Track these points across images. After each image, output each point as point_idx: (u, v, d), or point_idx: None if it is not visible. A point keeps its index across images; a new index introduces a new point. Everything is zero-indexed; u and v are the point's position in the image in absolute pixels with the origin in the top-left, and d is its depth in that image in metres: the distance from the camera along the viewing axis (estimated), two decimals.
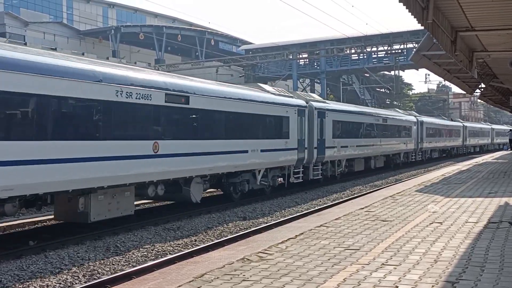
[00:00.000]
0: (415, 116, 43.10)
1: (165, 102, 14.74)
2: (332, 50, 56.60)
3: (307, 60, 63.56)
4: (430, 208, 13.22)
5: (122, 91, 13.12)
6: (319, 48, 59.60)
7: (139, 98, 13.70)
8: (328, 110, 25.69)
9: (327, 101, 29.14)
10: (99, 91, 12.56)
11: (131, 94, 13.44)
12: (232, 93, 18.49)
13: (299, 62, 63.82)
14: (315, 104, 24.62)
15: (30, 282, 9.45)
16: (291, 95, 24.02)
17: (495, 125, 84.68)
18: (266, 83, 62.91)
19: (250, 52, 63.64)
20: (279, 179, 22.30)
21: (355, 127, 29.66)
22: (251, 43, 69.73)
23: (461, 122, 60.94)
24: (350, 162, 29.10)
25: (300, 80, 67.65)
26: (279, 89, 24.55)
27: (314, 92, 66.58)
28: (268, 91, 21.90)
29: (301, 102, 23.32)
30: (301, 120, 22.75)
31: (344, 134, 27.76)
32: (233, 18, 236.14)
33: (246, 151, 18.87)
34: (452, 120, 61.05)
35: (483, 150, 67.72)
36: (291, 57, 59.03)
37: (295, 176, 22.86)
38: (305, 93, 29.51)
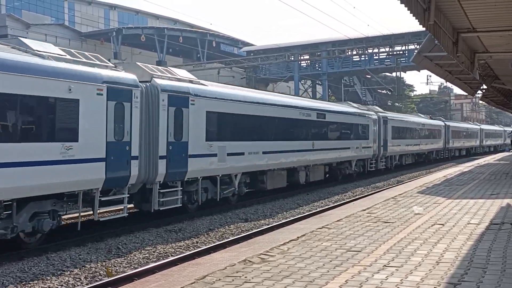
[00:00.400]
0: (375, 112, 33.77)
1: (316, 118, 24.64)
2: (334, 52, 56.58)
3: (309, 61, 63.54)
4: (414, 209, 13.23)
5: (303, 113, 23.45)
6: (320, 50, 59.59)
7: (307, 116, 23.65)
8: (196, 95, 16.58)
9: (386, 112, 37.28)
10: (299, 114, 22.99)
11: (304, 113, 23.46)
12: (342, 110, 28.50)
13: (301, 63, 63.81)
14: (381, 115, 33.61)
15: (31, 284, 9.45)
16: (367, 109, 32.90)
17: (484, 125, 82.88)
18: (267, 85, 62.83)
19: (252, 54, 63.66)
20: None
21: (408, 130, 39.14)
22: (252, 45, 69.73)
23: (443, 121, 53.76)
24: (257, 177, 20.55)
25: (302, 82, 67.64)
26: (359, 105, 34.07)
27: (315, 94, 66.62)
28: (354, 107, 31.27)
29: (120, 76, 20.47)
30: (120, 109, 15.37)
31: (236, 134, 18.80)
32: (233, 18, 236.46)
33: (349, 148, 28.22)
34: (431, 118, 52.52)
35: (470, 153, 63.09)
36: (292, 58, 59.02)
37: (370, 166, 31.47)
38: (372, 106, 37.94)
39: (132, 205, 15.60)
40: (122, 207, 13.55)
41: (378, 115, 33.26)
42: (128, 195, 13.77)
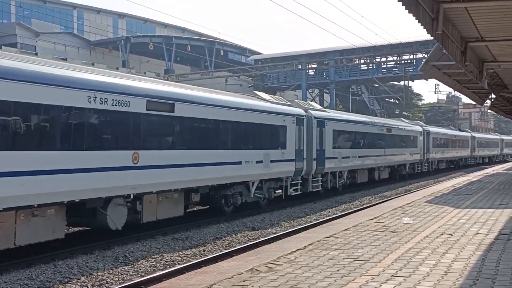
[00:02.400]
0: (421, 126, 42.11)
1: (386, 132, 32.81)
2: (342, 60, 56.60)
3: (316, 70, 63.58)
4: (403, 220, 13.19)
5: (380, 128, 31.29)
6: (328, 58, 59.61)
7: (381, 130, 31.49)
8: (328, 119, 24.56)
9: (327, 110, 28.54)
10: (377, 129, 30.82)
11: (380, 129, 31.38)
12: (400, 125, 33.87)
13: (308, 72, 63.86)
14: (314, 113, 23.78)
15: None
16: (289, 103, 23.06)
17: (477, 133, 70.51)
18: (275, 94, 62.88)
19: (259, 62, 63.77)
20: (278, 191, 21.83)
21: (358, 137, 28.55)
22: (260, 53, 69.89)
23: (469, 132, 60.02)
24: (353, 174, 27.90)
25: (309, 90, 67.66)
26: (277, 97, 24.80)
27: (323, 103, 66.57)
28: (264, 99, 21.24)
29: (300, 111, 22.41)
30: (300, 130, 21.84)
31: (345, 144, 27.00)
32: (241, 27, 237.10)
33: (405, 154, 33.99)
34: (460, 130, 59.17)
35: (458, 166, 54.67)
36: (300, 67, 59.07)
37: (293, 188, 21.71)
38: (304, 102, 27.90)
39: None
40: (297, 188, 22.07)
41: (423, 129, 41.41)
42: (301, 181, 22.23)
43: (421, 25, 10.31)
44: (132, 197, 13.51)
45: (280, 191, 21.85)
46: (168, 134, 14.94)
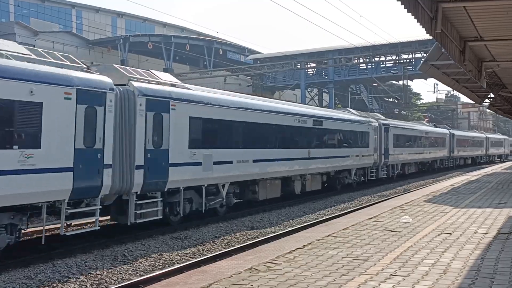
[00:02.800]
0: (376, 120, 32.87)
1: (312, 125, 24.05)
2: (340, 60, 56.62)
3: (315, 69, 63.59)
4: (402, 219, 13.22)
5: (299, 119, 22.40)
6: (327, 58, 59.62)
7: (302, 123, 22.56)
8: (178, 99, 15.29)
9: (388, 119, 36.50)
10: (293, 120, 21.96)
11: (300, 120, 22.38)
12: (340, 117, 27.35)
13: (307, 71, 63.86)
14: (382, 121, 32.78)
15: None
16: (367, 115, 31.96)
17: (458, 130, 59.72)
18: (274, 93, 62.87)
19: (258, 62, 63.76)
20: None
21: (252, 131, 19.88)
22: (259, 53, 69.87)
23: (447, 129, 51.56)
24: (248, 187, 19.50)
25: (308, 90, 67.68)
26: (360, 112, 32.71)
27: (322, 102, 66.58)
28: (354, 114, 30.32)
29: (374, 120, 31.29)
30: (374, 134, 30.32)
31: (224, 141, 17.47)
32: (240, 26, 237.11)
33: (348, 156, 27.49)
34: (435, 125, 51.32)
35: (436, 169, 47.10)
36: (299, 66, 59.07)
37: (371, 175, 30.83)
38: (373, 114, 37.17)
39: (108, 217, 15.08)
40: (94, 220, 12.71)
41: (379, 123, 32.32)
42: (101, 207, 12.77)
43: (420, 24, 10.32)
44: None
45: (362, 177, 29.87)
46: (308, 138, 22.93)
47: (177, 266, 11.08)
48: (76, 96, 11.86)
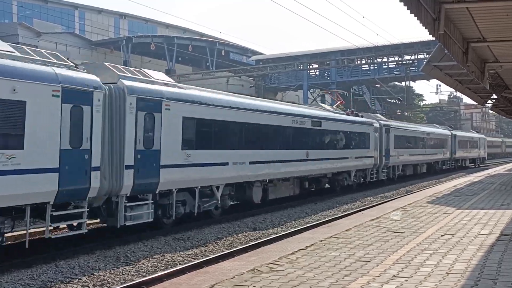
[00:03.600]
0: (377, 120, 32.04)
1: (311, 126, 23.38)
2: (343, 61, 56.65)
3: (318, 70, 63.60)
4: (392, 216, 13.27)
5: (296, 120, 21.85)
6: (329, 59, 59.64)
7: (300, 124, 21.97)
8: (171, 99, 15.00)
9: (389, 120, 35.54)
10: (291, 121, 21.34)
11: (297, 121, 21.86)
12: (340, 117, 26.94)
13: (310, 72, 63.88)
14: (383, 122, 32.07)
15: None
16: (368, 116, 31.70)
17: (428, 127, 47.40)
18: (276, 94, 62.86)
19: (261, 63, 63.82)
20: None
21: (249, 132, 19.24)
22: (261, 54, 69.92)
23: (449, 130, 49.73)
24: (243, 189, 18.98)
25: (311, 91, 67.70)
26: (363, 113, 32.29)
27: (324, 103, 66.52)
28: (359, 116, 30.12)
29: (375, 122, 30.55)
30: (78, 113, 13.25)
31: (218, 142, 17.03)
32: (243, 27, 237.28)
33: (347, 157, 26.73)
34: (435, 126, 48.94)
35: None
36: (301, 67, 59.09)
37: (371, 176, 30.30)
38: (374, 114, 36.36)
39: (97, 220, 14.81)
40: (82, 222, 12.24)
41: (380, 123, 31.59)
42: (88, 209, 12.37)
43: (423, 25, 10.32)
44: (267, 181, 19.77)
45: (362, 179, 29.47)
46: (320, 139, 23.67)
47: (179, 267, 11.08)
48: (62, 95, 11.42)
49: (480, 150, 60.21)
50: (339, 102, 37.14)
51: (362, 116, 30.41)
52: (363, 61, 58.17)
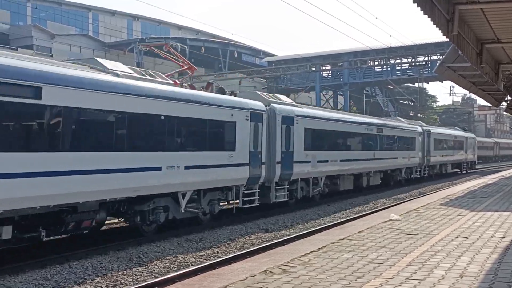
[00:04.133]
0: (420, 126, 37.41)
1: (376, 132, 28.74)
2: (356, 62, 56.45)
3: (330, 72, 63.47)
4: (391, 216, 13.26)
5: (368, 128, 27.84)
6: (342, 60, 59.49)
7: (370, 130, 27.97)
8: (299, 115, 20.32)
9: (298, 104, 23.43)
10: (364, 129, 27.38)
11: (368, 128, 27.84)
12: (395, 124, 31.73)
13: (322, 74, 63.76)
14: (278, 107, 19.50)
15: None
16: (412, 123, 32.58)
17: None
18: (289, 95, 62.86)
19: (273, 64, 63.80)
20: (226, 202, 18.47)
21: (339, 137, 24.46)
22: (274, 55, 69.94)
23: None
24: (333, 180, 23.68)
25: (323, 92, 67.57)
26: (407, 120, 34.81)
27: (337, 105, 66.38)
28: (403, 122, 32.66)
29: (257, 104, 18.45)
30: (256, 127, 17.90)
31: (322, 145, 22.62)
32: (255, 28, 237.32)
33: (400, 157, 31.63)
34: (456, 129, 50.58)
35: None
36: (314, 69, 59.00)
37: (416, 173, 31.41)
38: (417, 121, 36.53)
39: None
40: (254, 198, 18.03)
41: (423, 129, 36.98)
42: (258, 190, 18.17)
43: (436, 26, 10.26)
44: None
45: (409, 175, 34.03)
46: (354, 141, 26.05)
47: (191, 268, 11.10)
48: (250, 116, 17.48)
49: (467, 153, 49.20)
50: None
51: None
52: (376, 62, 57.95)
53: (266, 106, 18.79)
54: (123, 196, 12.86)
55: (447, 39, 11.47)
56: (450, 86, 74.56)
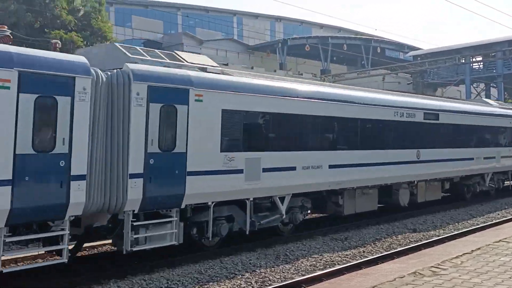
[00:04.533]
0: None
1: (423, 119, 18.72)
2: (510, 52, 52.64)
3: (482, 63, 59.83)
4: None
5: (400, 112, 17.60)
6: (495, 50, 55.77)
7: (408, 116, 17.93)
8: (202, 87, 11.62)
9: (217, 67, 12.92)
10: (393, 114, 17.30)
11: (402, 114, 17.62)
12: (466, 109, 21.93)
13: (473, 66, 60.30)
14: (140, 68, 10.75)
15: (208, 285, 10.05)
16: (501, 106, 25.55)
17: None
18: (435, 90, 60.54)
19: (418, 58, 61.54)
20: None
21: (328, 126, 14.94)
22: (419, 49, 67.48)
23: None
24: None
25: (474, 85, 63.90)
26: (501, 102, 27.86)
27: (490, 97, 62.42)
28: (493, 105, 25.03)
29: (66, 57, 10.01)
30: (64, 109, 9.49)
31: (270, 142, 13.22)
32: (399, 23, 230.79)
33: (479, 158, 22.14)
34: None
35: None
36: (463, 61, 55.96)
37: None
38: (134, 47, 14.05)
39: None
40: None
41: None
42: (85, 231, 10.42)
43: None
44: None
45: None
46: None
47: (338, 267, 11.11)
48: (18, 83, 8.70)
49: None
50: None
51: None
52: None
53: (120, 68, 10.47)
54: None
55: None
56: None
